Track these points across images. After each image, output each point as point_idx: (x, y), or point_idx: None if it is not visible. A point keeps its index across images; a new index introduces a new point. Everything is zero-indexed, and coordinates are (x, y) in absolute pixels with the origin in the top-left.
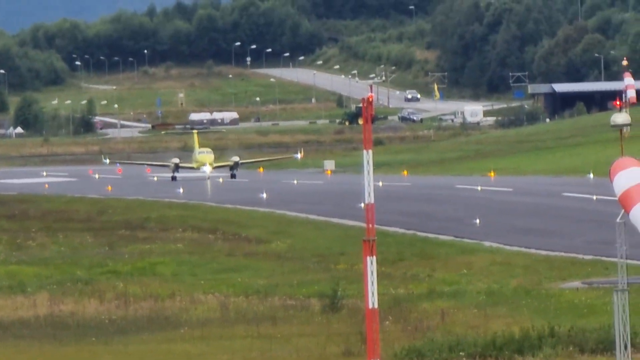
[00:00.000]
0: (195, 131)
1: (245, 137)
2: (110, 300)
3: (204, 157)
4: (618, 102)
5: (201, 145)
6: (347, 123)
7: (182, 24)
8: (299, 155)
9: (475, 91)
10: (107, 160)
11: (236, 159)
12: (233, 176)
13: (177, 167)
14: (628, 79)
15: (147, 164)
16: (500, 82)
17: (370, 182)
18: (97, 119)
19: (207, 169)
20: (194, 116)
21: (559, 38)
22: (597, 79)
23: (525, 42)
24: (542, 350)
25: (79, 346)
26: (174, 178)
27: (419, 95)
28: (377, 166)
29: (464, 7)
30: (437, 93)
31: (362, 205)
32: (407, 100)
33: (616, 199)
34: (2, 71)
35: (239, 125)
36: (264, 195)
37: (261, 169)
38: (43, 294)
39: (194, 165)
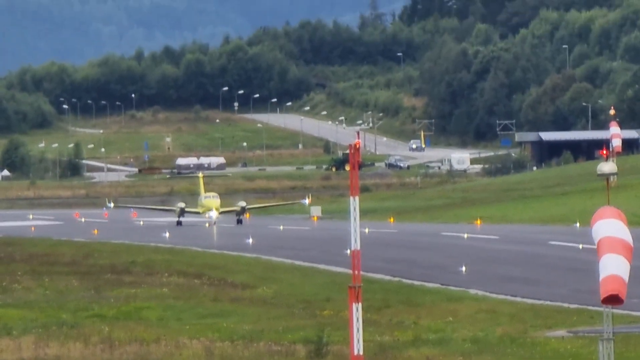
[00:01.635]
0: (201, 175)
1: (232, 182)
2: (95, 344)
3: (210, 202)
4: (604, 151)
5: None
6: (334, 169)
7: (170, 69)
8: (306, 201)
9: (462, 139)
10: (112, 204)
11: (243, 204)
12: (239, 222)
13: (182, 212)
14: (614, 128)
15: (152, 209)
16: (487, 130)
17: (356, 229)
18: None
19: (214, 214)
20: (181, 161)
21: (547, 86)
22: (585, 127)
23: (512, 90)
24: None
25: None
26: (179, 223)
27: (423, 145)
28: (364, 213)
29: (452, 54)
30: (423, 142)
31: (348, 251)
32: (412, 150)
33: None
34: None
35: (226, 170)
36: (250, 240)
37: (247, 215)
38: (28, 337)
39: (199, 210)
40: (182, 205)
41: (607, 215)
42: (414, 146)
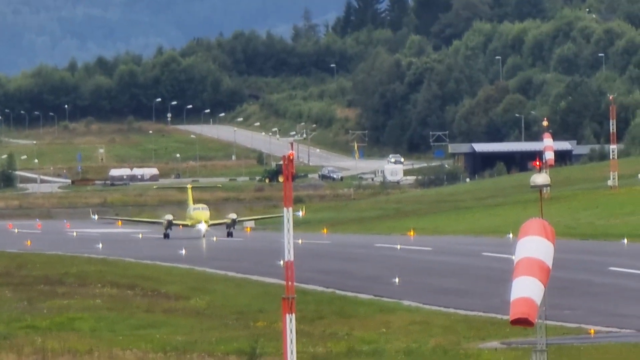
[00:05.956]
0: (189, 185)
1: (165, 193)
2: (28, 355)
3: (199, 213)
4: (538, 163)
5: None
6: (267, 180)
7: (103, 79)
8: (300, 213)
9: (395, 150)
10: (96, 217)
11: (233, 216)
12: (230, 234)
13: (170, 225)
14: (547, 140)
15: (138, 221)
16: (420, 141)
17: (290, 240)
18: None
19: (203, 226)
20: (114, 172)
21: (480, 98)
22: (518, 139)
23: (446, 102)
24: None
25: None
26: (166, 236)
27: (402, 159)
28: (297, 224)
29: (385, 65)
30: (357, 154)
31: (282, 262)
32: (391, 163)
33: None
34: None
35: (159, 182)
36: (184, 251)
37: (181, 226)
38: None
39: (188, 222)
40: (169, 217)
41: (533, 231)
42: (392, 160)
